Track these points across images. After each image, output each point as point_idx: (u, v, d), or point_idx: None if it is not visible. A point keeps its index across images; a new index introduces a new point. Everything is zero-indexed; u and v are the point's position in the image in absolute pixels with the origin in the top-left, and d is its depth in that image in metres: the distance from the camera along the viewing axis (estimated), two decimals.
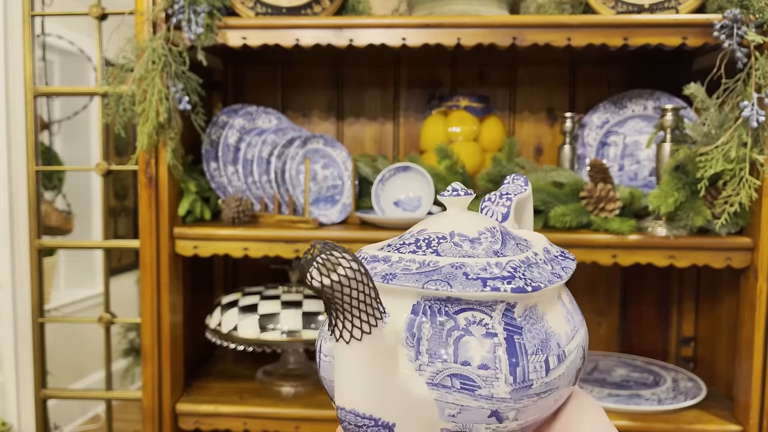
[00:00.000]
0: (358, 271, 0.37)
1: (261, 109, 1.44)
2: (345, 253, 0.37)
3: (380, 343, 0.40)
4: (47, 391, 1.45)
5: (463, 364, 0.42)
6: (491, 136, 1.44)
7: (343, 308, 0.38)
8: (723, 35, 1.12)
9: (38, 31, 2.45)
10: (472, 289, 0.42)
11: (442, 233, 0.48)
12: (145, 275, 1.24)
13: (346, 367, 0.40)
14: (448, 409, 0.42)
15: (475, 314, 0.42)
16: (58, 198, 2.72)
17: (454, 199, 0.51)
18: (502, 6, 1.29)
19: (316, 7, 1.24)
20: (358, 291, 0.37)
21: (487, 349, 0.42)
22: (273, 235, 1.23)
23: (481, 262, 0.44)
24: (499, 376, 0.41)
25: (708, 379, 1.41)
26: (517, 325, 0.43)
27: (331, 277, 0.36)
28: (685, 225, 1.18)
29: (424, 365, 0.42)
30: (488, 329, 0.42)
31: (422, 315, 0.43)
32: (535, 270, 0.45)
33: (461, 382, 0.41)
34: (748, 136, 1.09)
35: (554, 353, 0.44)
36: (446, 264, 0.44)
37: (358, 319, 0.38)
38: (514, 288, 0.42)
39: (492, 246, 0.47)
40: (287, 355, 1.44)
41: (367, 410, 0.41)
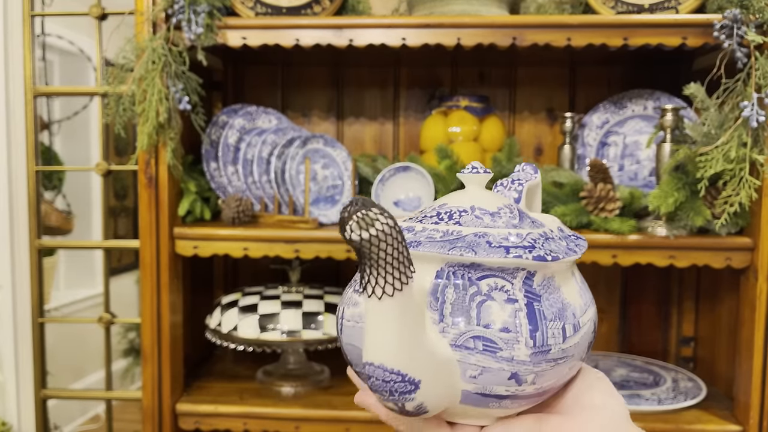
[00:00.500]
0: (393, 228, 0.38)
1: (261, 109, 1.44)
2: (383, 211, 0.38)
3: (410, 301, 0.41)
4: (47, 391, 1.45)
5: (486, 327, 0.44)
6: (491, 136, 1.44)
7: (378, 263, 0.39)
8: (723, 35, 1.12)
9: (38, 31, 2.45)
10: (496, 255, 0.44)
11: (464, 207, 0.50)
12: (145, 275, 1.24)
13: (377, 323, 0.41)
14: (470, 370, 0.44)
15: (497, 281, 0.45)
16: (58, 198, 2.72)
17: (474, 176, 0.53)
18: (502, 6, 1.29)
19: (316, 7, 1.24)
20: (393, 248, 0.39)
21: (509, 313, 0.44)
22: (273, 235, 1.23)
23: (503, 232, 0.46)
24: (519, 339, 0.44)
25: (708, 379, 1.41)
26: (536, 292, 0.45)
27: (369, 231, 0.38)
28: (685, 225, 1.18)
29: (448, 327, 0.44)
30: (509, 295, 0.45)
31: (446, 280, 0.45)
32: (553, 243, 0.47)
33: (483, 343, 0.44)
34: (748, 136, 1.09)
35: (570, 322, 0.46)
36: (469, 233, 0.46)
37: (390, 276, 0.40)
38: (536, 256, 0.44)
39: (511, 221, 0.49)
40: (287, 355, 1.44)
41: (395, 365, 0.42)
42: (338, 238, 1.23)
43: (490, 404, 0.45)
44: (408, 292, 0.41)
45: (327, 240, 1.23)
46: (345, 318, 0.49)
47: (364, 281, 0.40)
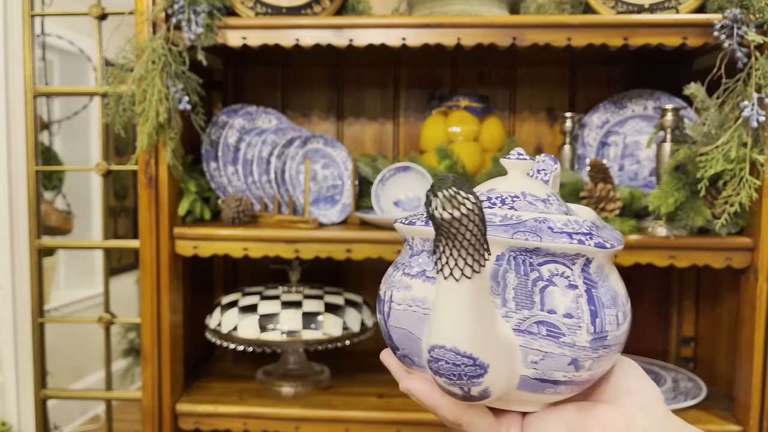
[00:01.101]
0: (480, 210, 0.38)
1: (261, 109, 1.44)
2: (471, 192, 0.38)
3: (485, 284, 0.41)
4: (47, 391, 1.45)
5: (549, 312, 0.44)
6: (491, 136, 1.43)
7: (461, 244, 0.39)
8: (723, 35, 1.12)
9: (38, 31, 2.45)
10: (560, 241, 0.44)
11: (515, 192, 0.49)
12: (145, 275, 1.24)
13: (453, 305, 0.41)
14: (532, 355, 0.44)
15: (558, 266, 0.45)
16: (58, 198, 2.72)
17: (520, 162, 0.52)
18: (502, 6, 1.29)
19: (316, 7, 1.24)
20: (478, 229, 0.38)
21: (571, 299, 0.44)
22: (273, 235, 1.23)
23: (562, 218, 0.46)
24: (581, 325, 0.44)
25: (708, 379, 1.41)
26: (593, 279, 0.45)
27: (460, 210, 0.37)
28: (685, 225, 1.18)
29: (511, 312, 0.44)
30: (570, 281, 0.45)
31: (507, 265, 0.45)
32: (605, 231, 0.47)
33: (547, 329, 0.44)
34: (748, 136, 1.09)
35: (621, 310, 0.47)
36: (529, 218, 0.46)
37: (471, 257, 0.39)
38: (596, 243, 0.44)
39: (560, 208, 0.49)
40: (287, 355, 1.44)
41: (468, 349, 0.42)
42: (338, 238, 1.23)
43: (546, 390, 0.45)
44: (484, 275, 0.41)
45: (327, 240, 1.23)
46: (394, 302, 0.48)
47: (442, 262, 0.40)
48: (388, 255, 1.22)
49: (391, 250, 1.22)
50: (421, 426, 1.26)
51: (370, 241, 1.22)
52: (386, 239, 1.22)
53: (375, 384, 1.40)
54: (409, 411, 1.26)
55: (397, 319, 0.48)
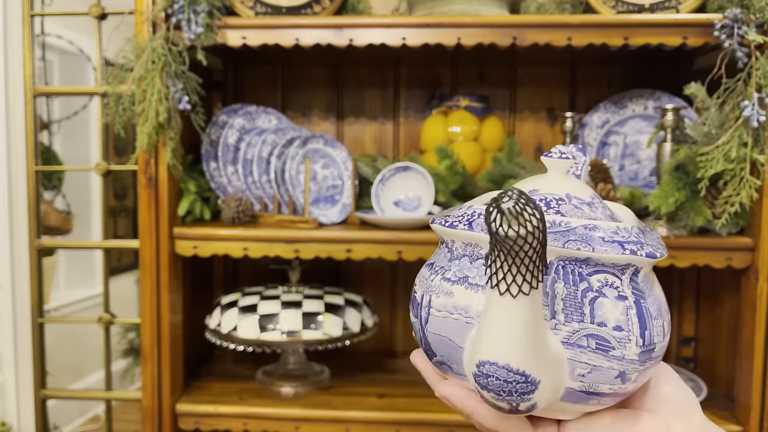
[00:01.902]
0: (544, 229, 0.37)
1: (261, 109, 1.44)
2: (537, 208, 0.36)
3: (540, 301, 0.40)
4: (47, 392, 1.44)
5: (600, 325, 0.42)
6: (491, 136, 1.43)
7: (521, 261, 0.37)
8: (723, 35, 1.12)
9: (38, 31, 2.44)
10: (613, 251, 0.42)
11: (559, 195, 0.47)
12: (144, 275, 1.24)
13: (507, 322, 0.40)
14: (579, 368, 0.42)
15: (607, 277, 0.43)
16: (58, 198, 2.72)
17: (561, 162, 0.50)
18: (502, 6, 1.29)
19: (316, 6, 1.24)
20: (539, 245, 0.37)
21: (621, 311, 0.43)
22: (273, 235, 1.23)
23: (611, 226, 0.44)
24: (631, 338, 0.42)
25: (708, 379, 1.41)
26: (641, 289, 0.44)
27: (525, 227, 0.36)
28: (686, 225, 1.18)
29: (560, 324, 0.42)
30: (619, 292, 0.43)
31: (555, 274, 0.43)
32: (650, 238, 0.45)
33: (597, 342, 0.42)
34: (749, 136, 1.09)
35: (666, 320, 0.45)
36: (579, 225, 0.44)
37: (530, 274, 0.38)
38: (647, 253, 0.43)
39: (605, 212, 0.47)
40: (287, 355, 1.44)
41: (522, 366, 0.40)
42: (338, 238, 1.23)
43: (590, 401, 0.44)
44: (540, 291, 0.39)
45: (327, 240, 1.22)
46: (433, 307, 0.46)
47: (498, 277, 0.38)
48: (388, 255, 1.22)
49: (391, 250, 1.22)
50: (421, 426, 1.26)
51: (370, 241, 1.22)
52: (386, 239, 1.22)
53: (375, 384, 1.40)
54: (409, 411, 1.26)
55: (436, 326, 0.46)
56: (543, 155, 0.51)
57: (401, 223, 1.25)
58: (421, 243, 1.22)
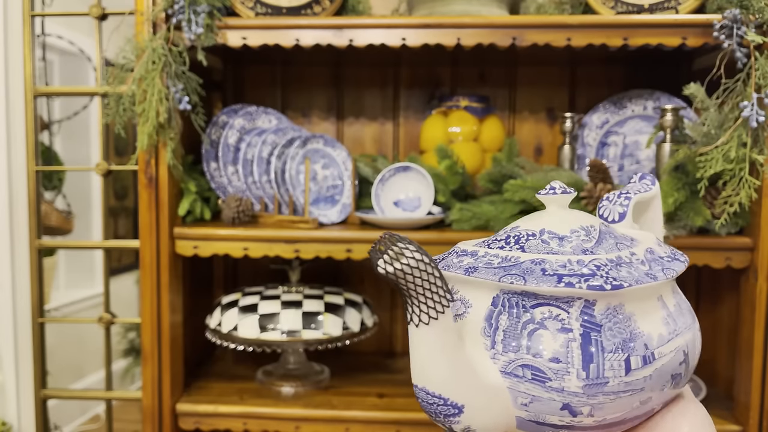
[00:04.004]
0: (421, 261, 0.40)
1: (261, 109, 1.44)
2: (409, 244, 0.40)
3: (448, 329, 0.42)
4: (47, 391, 1.45)
5: (535, 356, 0.43)
6: (491, 136, 1.44)
7: (410, 294, 0.41)
8: (723, 35, 1.12)
9: (38, 31, 2.44)
10: (546, 284, 0.43)
11: (533, 230, 0.49)
12: (145, 275, 1.24)
13: (418, 348, 0.43)
14: (521, 397, 0.44)
15: (551, 309, 0.44)
16: (58, 198, 2.72)
17: (551, 197, 0.51)
18: (502, 6, 1.29)
19: (316, 7, 1.24)
20: (422, 279, 0.41)
21: (560, 343, 0.43)
22: (273, 235, 1.23)
23: (562, 259, 0.45)
24: (570, 371, 0.43)
25: (708, 379, 1.41)
26: (596, 322, 0.43)
27: (400, 262, 0.40)
28: (685, 225, 1.18)
29: (498, 354, 0.44)
30: (564, 324, 0.43)
31: (501, 307, 0.45)
32: (625, 269, 0.44)
33: (532, 372, 0.43)
34: (748, 136, 1.09)
35: (638, 354, 0.43)
36: (527, 260, 0.45)
37: (425, 305, 0.41)
38: (591, 285, 0.42)
39: (583, 244, 0.47)
40: (287, 355, 1.44)
41: (437, 390, 0.43)
42: (338, 238, 1.23)
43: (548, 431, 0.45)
44: (445, 321, 0.42)
45: (327, 240, 1.23)
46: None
47: (407, 310, 0.42)
48: None
49: None
50: (421, 426, 1.26)
51: (370, 241, 1.22)
52: None
53: (375, 384, 1.40)
54: (409, 411, 1.26)
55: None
56: (538, 192, 0.52)
57: (401, 223, 1.25)
58: (421, 243, 1.22)
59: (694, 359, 0.47)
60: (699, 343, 0.48)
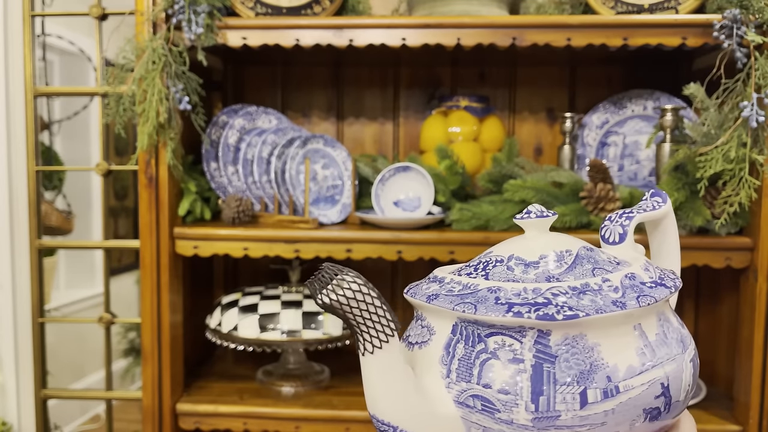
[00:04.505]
0: (358, 291, 0.40)
1: (261, 109, 1.44)
2: (346, 275, 0.40)
3: (396, 357, 0.42)
4: (47, 391, 1.45)
5: (485, 387, 0.42)
6: (491, 136, 1.44)
7: (354, 323, 0.41)
8: (723, 35, 1.12)
9: (38, 31, 2.45)
10: (495, 313, 0.42)
11: (502, 256, 0.48)
12: (145, 275, 1.24)
13: (367, 377, 0.43)
14: (473, 428, 0.43)
15: (504, 339, 0.43)
16: (58, 198, 2.72)
17: (527, 221, 0.50)
18: (502, 6, 1.29)
19: (316, 7, 1.24)
20: (362, 309, 0.41)
21: (510, 374, 0.42)
22: (273, 235, 1.23)
23: (518, 287, 0.44)
24: (519, 403, 0.41)
25: (708, 378, 1.41)
26: (550, 353, 0.42)
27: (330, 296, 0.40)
28: (685, 225, 1.18)
29: (453, 383, 0.44)
30: (516, 354, 0.42)
31: (459, 335, 0.44)
32: (588, 298, 0.43)
33: (482, 403, 0.42)
34: (748, 136, 1.09)
35: (598, 387, 0.41)
36: (484, 288, 0.45)
37: (367, 334, 0.41)
38: (541, 315, 0.41)
39: (550, 271, 0.46)
40: (287, 355, 1.44)
41: (386, 418, 0.43)
42: (338, 238, 1.23)
43: None
44: (392, 348, 0.42)
45: (327, 240, 1.23)
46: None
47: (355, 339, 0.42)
48: (388, 255, 1.22)
49: (391, 250, 1.22)
50: None
51: (370, 241, 1.22)
52: (386, 239, 1.22)
53: None
54: None
55: None
56: (514, 217, 0.51)
57: (401, 223, 1.25)
58: (421, 243, 1.22)
59: (679, 392, 0.45)
60: (689, 374, 0.46)
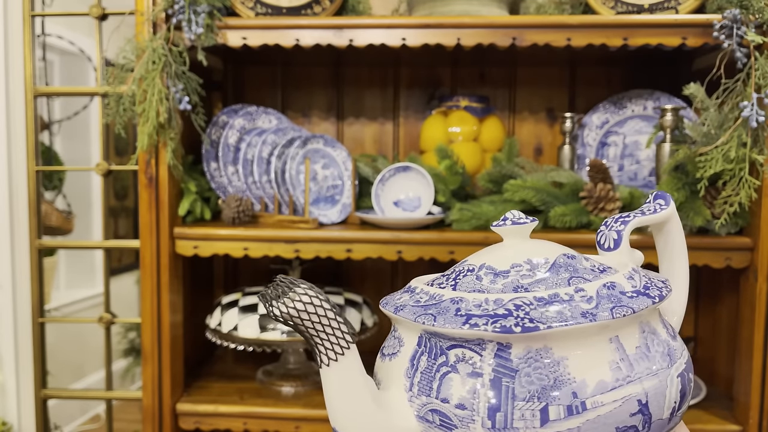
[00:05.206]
0: (310, 303, 0.40)
1: (261, 109, 1.44)
2: (297, 287, 0.40)
3: (353, 369, 0.41)
4: (47, 391, 1.45)
5: (443, 401, 0.41)
6: (491, 136, 1.44)
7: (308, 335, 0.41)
8: (723, 35, 1.12)
9: (38, 31, 2.45)
10: (452, 325, 0.40)
11: (474, 266, 0.47)
12: (145, 275, 1.24)
13: (325, 389, 0.43)
14: None
15: (464, 351, 0.41)
16: (58, 198, 2.72)
17: (504, 228, 0.49)
18: (502, 6, 1.29)
19: (316, 7, 1.24)
20: (313, 321, 0.40)
21: (468, 388, 0.40)
22: (273, 235, 1.23)
23: (479, 298, 0.42)
24: (475, 419, 0.40)
25: (708, 379, 1.41)
26: (511, 367, 0.40)
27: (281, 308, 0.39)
28: (685, 225, 1.18)
29: (414, 397, 0.43)
30: (475, 368, 0.40)
31: (423, 347, 0.43)
32: (555, 309, 0.40)
33: (441, 419, 0.41)
34: (748, 136, 1.09)
35: (561, 403, 0.39)
36: (447, 299, 0.43)
37: (322, 347, 0.41)
38: (498, 328, 0.39)
39: (520, 280, 0.44)
40: (287, 355, 1.44)
41: (342, 429, 0.43)
42: (338, 238, 1.23)
43: None
44: (348, 360, 0.41)
45: (327, 240, 1.23)
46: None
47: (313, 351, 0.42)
48: (388, 255, 1.22)
49: (391, 250, 1.22)
50: None
51: (370, 241, 1.22)
52: (386, 239, 1.22)
53: None
54: None
55: None
56: (492, 225, 0.49)
57: (401, 223, 1.25)
58: (421, 243, 1.22)
59: (661, 409, 0.41)
60: (675, 390, 0.42)
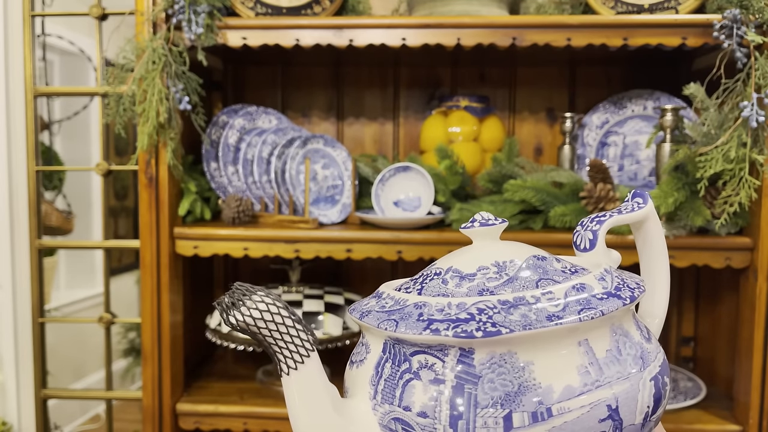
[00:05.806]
0: (266, 311, 0.39)
1: (261, 109, 1.44)
2: (254, 295, 0.39)
3: (314, 378, 0.41)
4: (47, 391, 1.45)
5: (405, 409, 0.40)
6: (491, 136, 1.44)
7: (267, 343, 0.40)
8: (723, 35, 1.12)
9: (38, 31, 2.45)
10: (413, 331, 0.40)
11: (441, 269, 0.46)
12: (145, 275, 1.24)
13: (287, 397, 0.42)
14: None
15: (427, 358, 0.40)
16: (59, 198, 2.72)
17: (472, 230, 0.48)
18: (502, 6, 1.29)
19: (316, 7, 1.24)
20: (270, 330, 0.39)
21: (430, 396, 0.40)
22: (273, 235, 1.23)
23: (442, 302, 0.41)
24: (437, 427, 0.39)
25: (708, 379, 1.41)
26: (474, 373, 0.39)
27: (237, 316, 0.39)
28: (685, 225, 1.18)
29: (378, 405, 0.42)
30: (437, 375, 0.40)
31: (387, 354, 0.42)
32: (520, 312, 0.39)
33: (403, 427, 0.41)
34: (748, 136, 1.09)
35: (526, 409, 0.38)
36: (411, 304, 0.42)
37: (281, 355, 0.40)
38: (459, 333, 0.38)
39: (486, 283, 0.43)
40: None
41: None
42: (338, 238, 1.23)
43: None
44: (308, 369, 0.40)
45: (327, 240, 1.23)
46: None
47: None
48: (388, 255, 1.22)
49: (391, 250, 1.22)
50: None
51: (370, 241, 1.22)
52: (386, 239, 1.22)
53: None
54: None
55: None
56: (461, 227, 0.49)
57: (401, 223, 1.25)
58: (421, 243, 1.22)
59: (633, 414, 0.40)
60: (648, 394, 0.41)
